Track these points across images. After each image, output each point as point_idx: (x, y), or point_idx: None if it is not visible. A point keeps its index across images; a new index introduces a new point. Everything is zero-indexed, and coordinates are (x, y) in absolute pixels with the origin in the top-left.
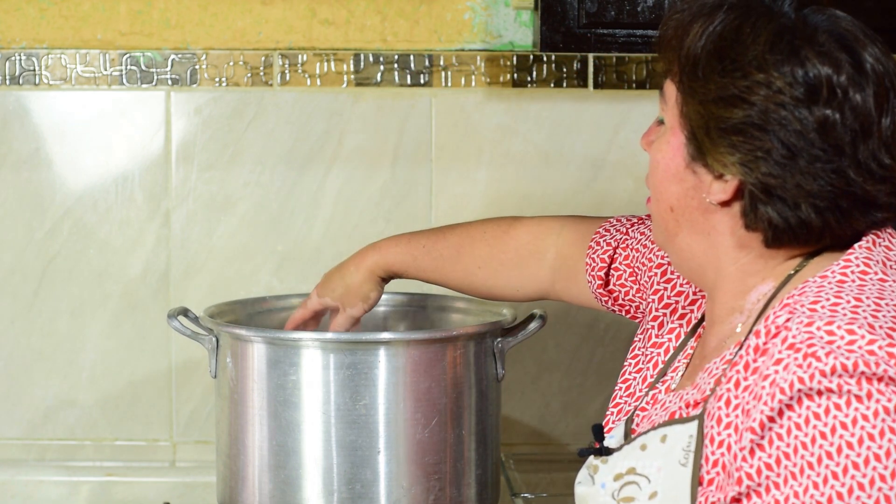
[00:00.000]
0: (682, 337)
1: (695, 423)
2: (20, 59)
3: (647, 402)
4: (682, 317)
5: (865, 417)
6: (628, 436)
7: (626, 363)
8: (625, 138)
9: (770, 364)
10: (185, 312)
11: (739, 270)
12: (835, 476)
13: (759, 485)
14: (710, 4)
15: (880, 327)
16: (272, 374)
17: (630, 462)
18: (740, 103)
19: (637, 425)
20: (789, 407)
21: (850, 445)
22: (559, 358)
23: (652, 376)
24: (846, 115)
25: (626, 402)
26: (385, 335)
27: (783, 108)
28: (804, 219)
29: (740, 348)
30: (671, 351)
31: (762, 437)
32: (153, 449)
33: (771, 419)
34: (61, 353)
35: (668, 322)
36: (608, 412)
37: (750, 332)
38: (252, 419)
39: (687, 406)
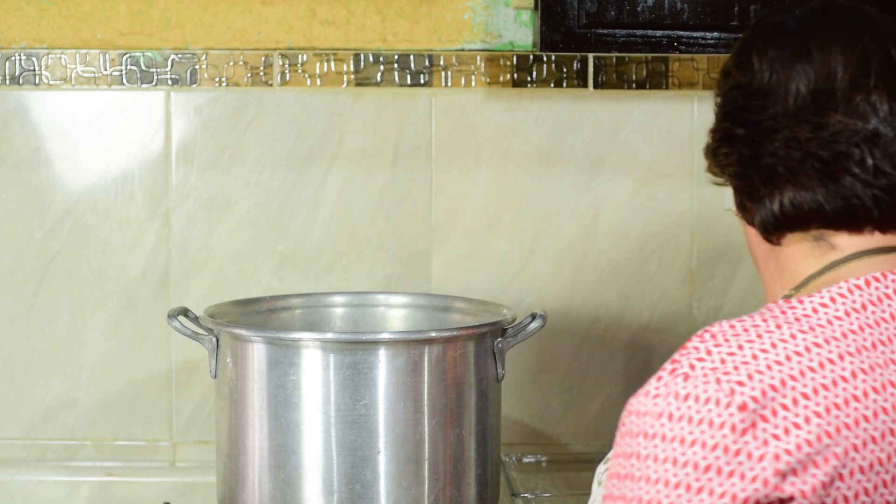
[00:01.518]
0: None
1: None
2: (20, 59)
3: None
4: None
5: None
6: None
7: None
8: (625, 138)
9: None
10: (185, 312)
11: (769, 277)
12: None
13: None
14: None
15: (745, 357)
16: (272, 374)
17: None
18: (715, 98)
19: None
20: (622, 424)
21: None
22: (559, 358)
23: None
24: (793, 82)
25: None
26: (385, 335)
27: (734, 88)
28: (771, 176)
29: None
30: None
31: (615, 446)
32: (153, 449)
33: (617, 430)
34: (61, 353)
35: None
36: None
37: None
38: (252, 419)
39: None
